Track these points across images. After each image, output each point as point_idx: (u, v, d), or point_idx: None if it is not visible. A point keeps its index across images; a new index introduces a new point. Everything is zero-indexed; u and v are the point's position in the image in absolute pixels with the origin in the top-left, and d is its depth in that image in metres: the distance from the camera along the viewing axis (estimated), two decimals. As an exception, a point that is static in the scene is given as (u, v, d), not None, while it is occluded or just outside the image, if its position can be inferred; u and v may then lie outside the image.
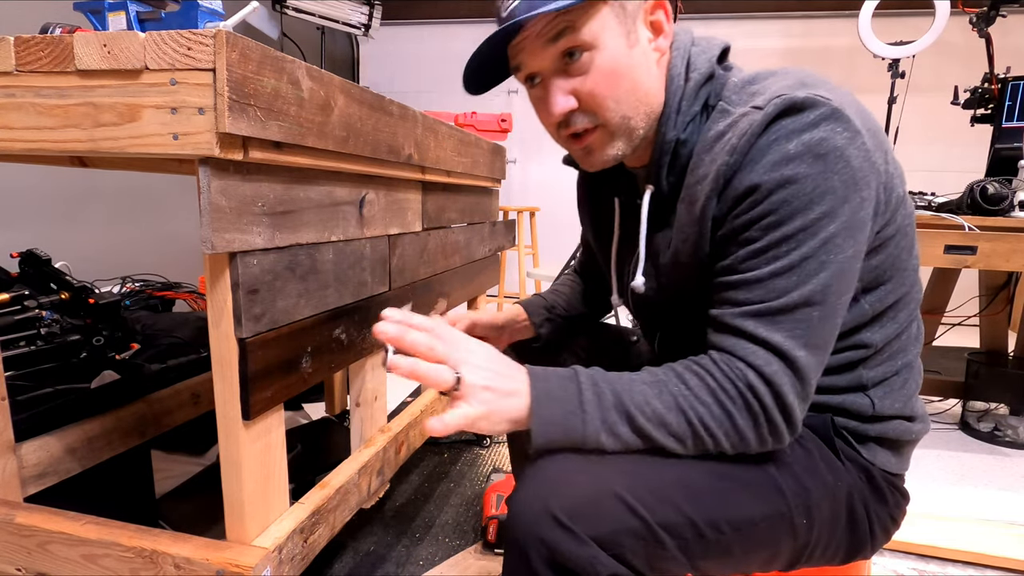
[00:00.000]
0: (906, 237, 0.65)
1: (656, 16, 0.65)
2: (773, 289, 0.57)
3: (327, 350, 0.84)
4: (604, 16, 0.61)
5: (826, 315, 0.57)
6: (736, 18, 4.04)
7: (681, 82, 0.66)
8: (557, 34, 0.61)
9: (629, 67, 0.63)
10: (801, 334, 0.57)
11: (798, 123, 0.56)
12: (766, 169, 0.56)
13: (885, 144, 0.62)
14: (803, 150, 0.55)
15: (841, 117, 0.55)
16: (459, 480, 1.60)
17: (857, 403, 0.67)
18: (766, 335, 0.57)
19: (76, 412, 1.09)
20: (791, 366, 0.57)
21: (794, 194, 0.55)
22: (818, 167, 0.55)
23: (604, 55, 0.62)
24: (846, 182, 0.56)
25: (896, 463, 0.69)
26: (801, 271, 0.56)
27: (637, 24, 0.64)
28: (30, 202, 2.17)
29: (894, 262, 0.65)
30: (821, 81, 0.61)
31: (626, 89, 0.63)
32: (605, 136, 0.66)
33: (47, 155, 0.75)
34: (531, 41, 0.63)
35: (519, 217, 3.30)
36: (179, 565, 0.69)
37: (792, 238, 0.56)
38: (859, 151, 0.56)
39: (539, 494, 0.55)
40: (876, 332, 0.66)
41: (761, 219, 0.57)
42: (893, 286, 0.66)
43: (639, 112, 0.65)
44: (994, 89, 1.83)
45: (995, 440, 1.93)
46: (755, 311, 0.58)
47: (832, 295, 0.57)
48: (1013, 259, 1.44)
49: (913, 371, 0.70)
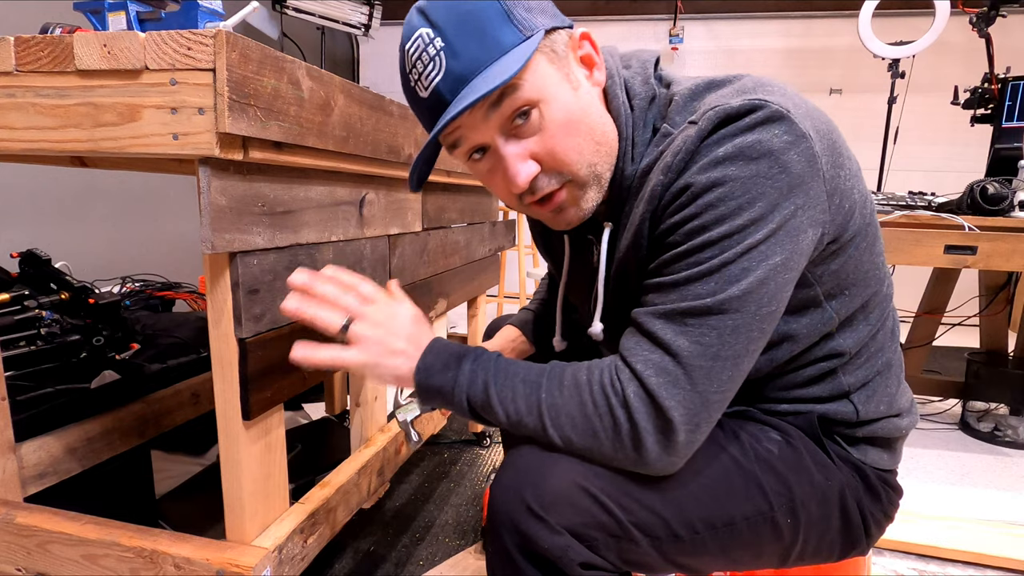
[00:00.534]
0: (866, 238, 0.62)
1: (584, 50, 0.60)
2: (687, 293, 0.54)
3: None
4: (540, 66, 0.56)
5: (742, 325, 0.53)
6: (736, 18, 4.04)
7: (628, 111, 0.62)
8: (498, 98, 0.55)
9: (581, 112, 0.58)
10: (710, 342, 0.53)
11: (733, 129, 0.53)
12: (695, 172, 0.54)
13: (838, 147, 0.58)
14: (734, 152, 0.52)
15: (781, 119, 0.52)
16: (459, 480, 1.60)
17: (841, 411, 0.66)
18: (670, 339, 0.54)
19: (76, 412, 1.09)
20: (688, 375, 0.53)
21: (720, 197, 0.52)
22: (749, 170, 0.52)
23: (553, 107, 0.57)
24: (780, 187, 0.52)
25: (888, 459, 0.69)
26: (720, 276, 0.53)
27: (571, 65, 0.59)
28: (30, 202, 2.17)
29: (856, 265, 0.62)
30: (765, 84, 0.57)
31: (584, 137, 0.59)
32: (576, 191, 0.61)
33: (47, 155, 0.75)
34: (468, 115, 0.56)
35: (519, 217, 3.30)
36: (179, 565, 0.69)
37: (715, 244, 0.53)
38: (800, 155, 0.52)
39: (515, 484, 0.56)
40: (848, 337, 0.64)
41: (686, 222, 0.54)
42: (859, 289, 0.63)
43: (601, 156, 0.61)
44: (994, 89, 1.83)
45: (995, 440, 1.93)
46: (665, 312, 0.55)
47: (752, 303, 0.53)
48: (1013, 259, 1.44)
49: (893, 368, 0.69)
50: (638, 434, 0.54)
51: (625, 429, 0.54)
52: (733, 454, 0.63)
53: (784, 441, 0.65)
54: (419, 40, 0.55)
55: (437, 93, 0.56)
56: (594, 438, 0.56)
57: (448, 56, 0.54)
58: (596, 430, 0.55)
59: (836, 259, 0.61)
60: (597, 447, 0.56)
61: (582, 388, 0.57)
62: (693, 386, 0.53)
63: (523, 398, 0.58)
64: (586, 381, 0.57)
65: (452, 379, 0.60)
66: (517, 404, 0.58)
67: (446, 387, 0.60)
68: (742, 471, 0.62)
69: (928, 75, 3.18)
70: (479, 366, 0.61)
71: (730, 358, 0.54)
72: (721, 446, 0.63)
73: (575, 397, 0.57)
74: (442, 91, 0.55)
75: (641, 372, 0.54)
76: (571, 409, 0.56)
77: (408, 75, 0.58)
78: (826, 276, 0.61)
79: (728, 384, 0.55)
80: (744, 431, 0.66)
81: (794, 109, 0.54)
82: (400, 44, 0.58)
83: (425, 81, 0.56)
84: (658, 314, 0.55)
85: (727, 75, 0.61)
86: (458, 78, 0.54)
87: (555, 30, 0.58)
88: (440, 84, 0.55)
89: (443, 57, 0.54)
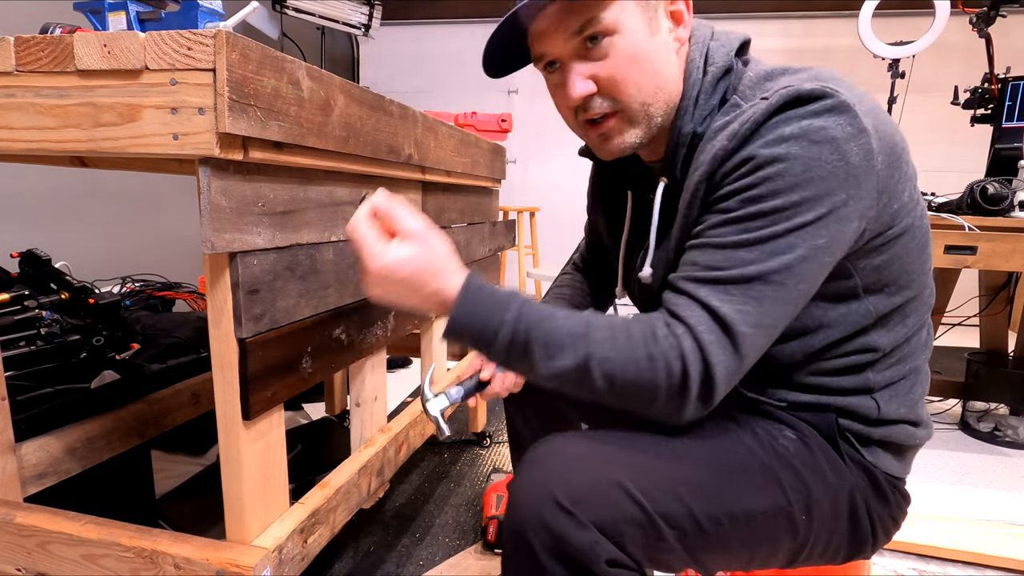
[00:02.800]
0: (915, 240, 0.64)
1: (677, 6, 0.65)
2: (733, 258, 0.56)
3: (327, 350, 0.84)
4: (626, 2, 0.61)
5: (781, 297, 0.56)
6: (736, 18, 4.04)
7: (699, 75, 0.66)
8: (578, 21, 0.61)
9: (650, 53, 0.63)
10: (751, 311, 0.55)
11: (801, 111, 0.55)
12: (760, 145, 0.56)
13: (897, 150, 0.60)
14: (799, 133, 0.55)
15: (847, 111, 0.55)
16: (459, 480, 1.60)
17: (863, 406, 0.67)
18: (716, 304, 0.55)
19: (76, 412, 1.09)
20: (733, 340, 0.55)
21: (780, 172, 0.55)
22: (811, 152, 0.54)
23: (625, 40, 0.62)
24: (836, 174, 0.54)
25: (899, 467, 0.69)
26: (766, 247, 0.55)
27: (659, 12, 0.64)
28: (30, 202, 2.17)
29: (900, 265, 0.63)
30: (839, 78, 0.60)
31: (646, 75, 0.63)
32: (623, 122, 0.66)
33: (47, 155, 0.75)
34: (552, 27, 0.62)
35: (519, 217, 3.30)
36: (179, 565, 0.69)
37: (767, 216, 0.55)
38: (859, 149, 0.55)
39: (542, 480, 0.56)
40: (884, 335, 0.65)
41: (743, 191, 0.57)
42: (899, 289, 0.64)
43: (658, 99, 0.65)
44: (994, 89, 1.82)
45: (995, 440, 1.93)
46: (710, 277, 0.57)
47: (792, 278, 0.55)
48: (1013, 259, 1.44)
49: (920, 376, 0.69)
50: (687, 384, 0.55)
51: (677, 379, 0.55)
52: (753, 448, 0.63)
53: (799, 440, 0.66)
54: None
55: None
56: (639, 383, 0.56)
57: None
58: (644, 376, 0.55)
59: (880, 255, 0.62)
60: (638, 392, 0.56)
61: (634, 339, 0.57)
62: (735, 349, 0.55)
63: (571, 350, 0.57)
64: (639, 332, 0.57)
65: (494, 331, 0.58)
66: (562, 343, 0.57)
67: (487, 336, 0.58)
68: (761, 465, 0.62)
69: (928, 75, 3.18)
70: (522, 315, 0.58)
71: (764, 327, 0.56)
72: (741, 440, 0.64)
73: (626, 342, 0.56)
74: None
75: (695, 327, 0.55)
76: (622, 354, 0.56)
77: None
78: (868, 270, 0.62)
79: (759, 352, 0.58)
80: (760, 428, 0.66)
81: (859, 105, 0.56)
82: None
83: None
84: (703, 279, 0.57)
85: (803, 65, 0.64)
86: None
87: None
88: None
89: None
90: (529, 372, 0.60)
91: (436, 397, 0.81)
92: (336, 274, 0.84)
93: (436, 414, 0.79)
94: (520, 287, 3.24)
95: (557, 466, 0.57)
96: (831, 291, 0.62)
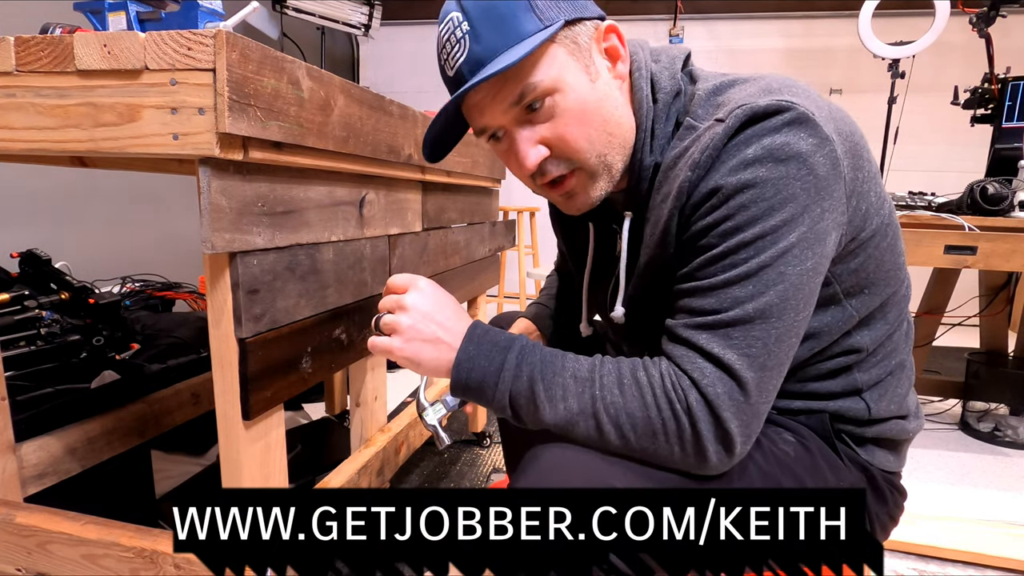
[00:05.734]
0: (887, 237, 0.63)
1: (610, 42, 0.62)
2: (727, 298, 0.54)
3: (327, 350, 0.84)
4: (558, 57, 0.58)
5: (783, 334, 0.54)
6: (736, 18, 4.04)
7: (650, 104, 0.63)
8: (514, 86, 0.58)
9: (596, 103, 0.60)
10: (756, 353, 0.54)
11: (759, 129, 0.54)
12: (725, 173, 0.54)
13: (858, 149, 0.59)
14: (763, 154, 0.53)
15: (807, 122, 0.53)
16: (459, 480, 1.60)
17: (853, 408, 0.67)
18: (719, 352, 0.54)
19: (76, 412, 1.09)
20: (741, 388, 0.53)
21: (753, 199, 0.53)
22: (779, 172, 0.53)
23: (567, 97, 0.59)
24: (808, 189, 0.53)
25: (894, 461, 0.70)
26: (758, 280, 0.53)
27: (593, 55, 0.61)
28: (30, 202, 2.17)
29: (876, 264, 0.63)
30: (790, 85, 0.58)
31: (595, 127, 0.61)
32: (584, 178, 0.63)
33: (47, 155, 0.75)
34: (489, 100, 0.60)
35: (519, 217, 3.30)
36: (179, 565, 0.69)
37: (750, 245, 0.53)
38: (825, 159, 0.54)
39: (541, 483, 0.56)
40: (866, 335, 0.65)
41: (719, 224, 0.55)
42: (878, 287, 0.64)
43: (612, 147, 0.62)
44: (994, 89, 1.82)
45: (995, 440, 1.93)
46: (708, 323, 0.55)
47: (790, 311, 0.54)
48: (1013, 259, 1.44)
49: (906, 370, 0.70)
50: (700, 441, 0.54)
51: (688, 435, 0.54)
52: (754, 457, 0.62)
53: (798, 442, 0.65)
54: (449, 23, 0.60)
55: (460, 73, 0.59)
56: (654, 439, 0.55)
57: (471, 39, 0.58)
58: (657, 432, 0.55)
59: (855, 258, 0.61)
60: (655, 449, 0.55)
61: (643, 388, 0.56)
62: (747, 398, 0.54)
63: (575, 396, 0.56)
64: (647, 382, 0.56)
65: (496, 373, 0.58)
66: (568, 403, 0.57)
67: (488, 381, 0.59)
68: (762, 473, 0.62)
69: (928, 75, 3.18)
70: (524, 359, 0.58)
71: (775, 367, 0.55)
72: None
73: (637, 398, 0.56)
74: (463, 71, 0.59)
75: (699, 381, 0.54)
76: (632, 409, 0.55)
77: (439, 53, 0.62)
78: (845, 274, 0.62)
79: (774, 392, 0.56)
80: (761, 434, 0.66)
81: (818, 112, 0.54)
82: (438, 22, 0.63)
83: (451, 61, 0.60)
84: (701, 326, 0.55)
85: (751, 73, 0.62)
86: (477, 60, 0.58)
87: (579, 21, 0.60)
88: (463, 65, 0.59)
89: (467, 40, 0.58)
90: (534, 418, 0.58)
91: (433, 406, 0.79)
92: (336, 274, 0.84)
93: (434, 423, 0.77)
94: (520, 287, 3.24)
95: (553, 470, 0.57)
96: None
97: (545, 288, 1.04)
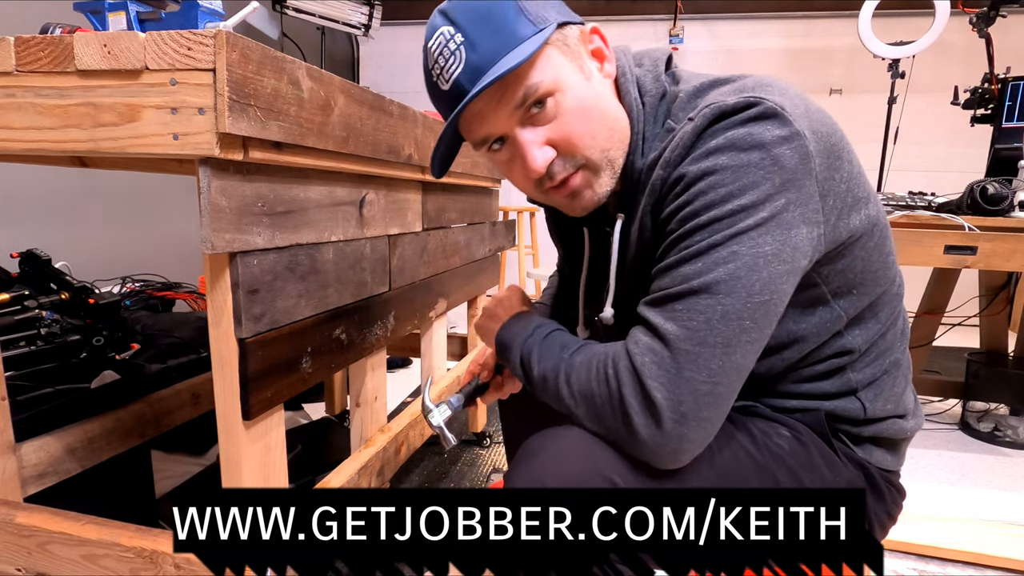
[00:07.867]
0: (873, 238, 0.63)
1: (594, 44, 0.63)
2: (677, 276, 0.56)
3: (327, 350, 0.84)
4: (553, 58, 0.59)
5: (731, 312, 0.53)
6: (736, 18, 4.04)
7: (639, 108, 0.65)
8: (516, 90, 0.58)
9: (594, 99, 0.62)
10: (697, 327, 0.53)
11: (727, 123, 0.55)
12: (688, 163, 0.57)
13: (836, 150, 0.58)
14: (725, 144, 0.54)
15: (775, 116, 0.54)
16: (459, 480, 1.60)
17: (849, 408, 0.67)
18: (657, 323, 0.55)
19: (76, 412, 1.09)
20: (673, 358, 0.53)
21: (711, 185, 0.54)
22: (740, 159, 0.53)
23: (568, 95, 0.60)
24: (771, 179, 0.53)
25: (892, 461, 0.70)
26: (707, 258, 0.54)
27: (583, 57, 0.62)
28: (30, 202, 2.17)
29: (864, 264, 0.62)
30: (766, 84, 0.58)
31: (597, 122, 0.62)
32: (589, 175, 0.64)
33: (47, 155, 0.75)
34: (491, 107, 0.60)
35: (519, 217, 3.30)
36: (179, 565, 0.69)
37: (704, 227, 0.54)
38: (793, 152, 0.53)
39: (533, 472, 0.57)
40: (858, 335, 0.65)
41: (680, 210, 0.57)
42: (867, 288, 0.64)
43: (614, 141, 0.64)
44: (994, 89, 1.82)
45: (995, 440, 1.93)
46: (656, 299, 0.57)
47: (741, 290, 0.53)
48: (1013, 259, 1.44)
49: (901, 368, 0.69)
50: (625, 408, 0.55)
51: (616, 401, 0.56)
52: (747, 448, 0.63)
53: (794, 438, 0.65)
54: (440, 37, 0.59)
55: (457, 85, 0.59)
56: (592, 406, 0.59)
57: (467, 49, 0.58)
58: (593, 395, 0.59)
59: (841, 259, 0.61)
60: (597, 415, 0.59)
61: (591, 361, 0.60)
62: (678, 370, 0.54)
63: (551, 361, 0.64)
64: (600, 357, 0.60)
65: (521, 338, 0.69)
66: (543, 364, 0.65)
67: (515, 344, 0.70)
68: (756, 465, 0.62)
69: (928, 75, 3.18)
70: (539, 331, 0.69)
71: (719, 345, 0.53)
72: (735, 439, 0.64)
73: (586, 369, 0.60)
74: (462, 82, 0.58)
75: (631, 350, 0.57)
76: (581, 377, 0.60)
77: (431, 71, 0.62)
78: (832, 275, 0.62)
79: (719, 375, 0.54)
80: (755, 427, 0.66)
81: (790, 107, 0.54)
82: (423, 45, 0.62)
83: (446, 75, 0.59)
84: (651, 301, 0.58)
85: (732, 74, 0.63)
86: (476, 68, 0.57)
87: (566, 24, 0.61)
88: (460, 76, 0.58)
89: (463, 51, 0.58)
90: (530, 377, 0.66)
91: (437, 407, 0.80)
92: (336, 274, 0.84)
93: (440, 423, 0.78)
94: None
95: (550, 459, 0.58)
96: (800, 301, 0.61)
97: (547, 288, 1.04)
